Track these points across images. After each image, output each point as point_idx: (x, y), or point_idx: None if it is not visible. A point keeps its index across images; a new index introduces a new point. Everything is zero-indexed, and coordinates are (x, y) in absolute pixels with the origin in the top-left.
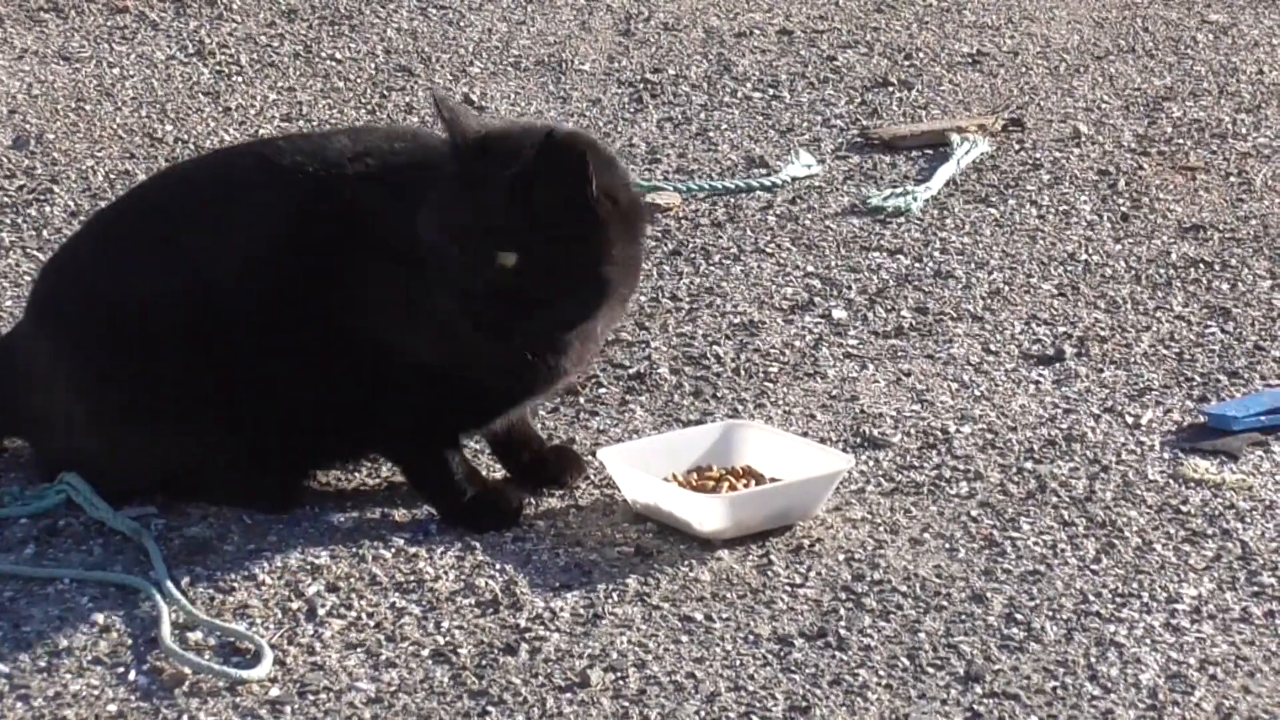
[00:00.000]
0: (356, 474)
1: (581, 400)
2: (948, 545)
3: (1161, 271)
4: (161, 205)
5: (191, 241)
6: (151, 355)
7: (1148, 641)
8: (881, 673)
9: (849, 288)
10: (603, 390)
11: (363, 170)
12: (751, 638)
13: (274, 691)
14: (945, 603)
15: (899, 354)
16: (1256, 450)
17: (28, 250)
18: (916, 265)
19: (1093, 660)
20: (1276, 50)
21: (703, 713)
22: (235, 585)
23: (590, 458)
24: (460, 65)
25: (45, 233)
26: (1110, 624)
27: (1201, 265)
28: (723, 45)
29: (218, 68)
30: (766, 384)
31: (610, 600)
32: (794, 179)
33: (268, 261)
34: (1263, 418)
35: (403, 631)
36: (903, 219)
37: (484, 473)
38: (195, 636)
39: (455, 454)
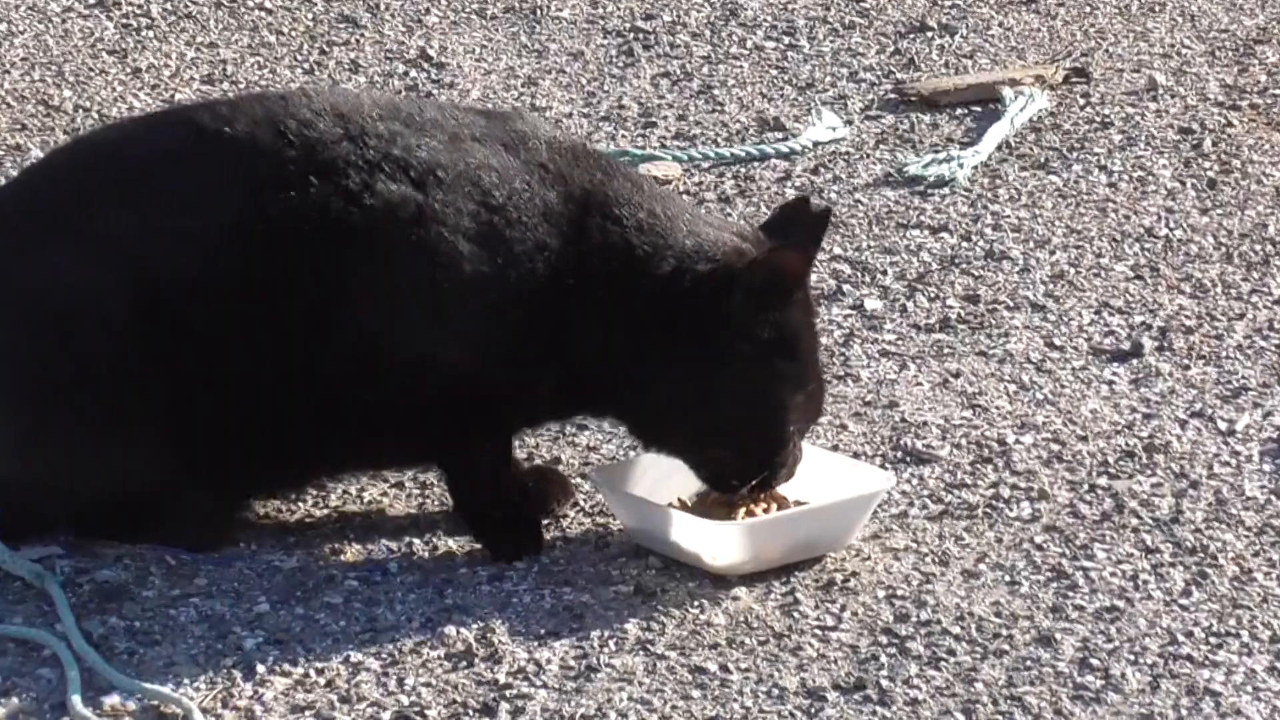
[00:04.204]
0: (300, 504)
1: None
2: (1008, 578)
3: (1257, 248)
4: (76, 186)
5: (117, 229)
6: (68, 362)
7: (1249, 689)
8: None
9: (884, 273)
10: None
11: (355, 151)
12: (776, 691)
13: None
14: (1006, 646)
15: (945, 351)
16: None
17: None
18: (964, 245)
19: (1184, 712)
20: None
21: None
22: (158, 638)
23: (579, 480)
24: (414, 14)
25: None
26: (1204, 669)
27: None
28: None
29: (124, 21)
30: None
31: (606, 649)
32: (816, 144)
33: (224, 255)
34: None
35: (359, 690)
36: (947, 190)
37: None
38: (112, 701)
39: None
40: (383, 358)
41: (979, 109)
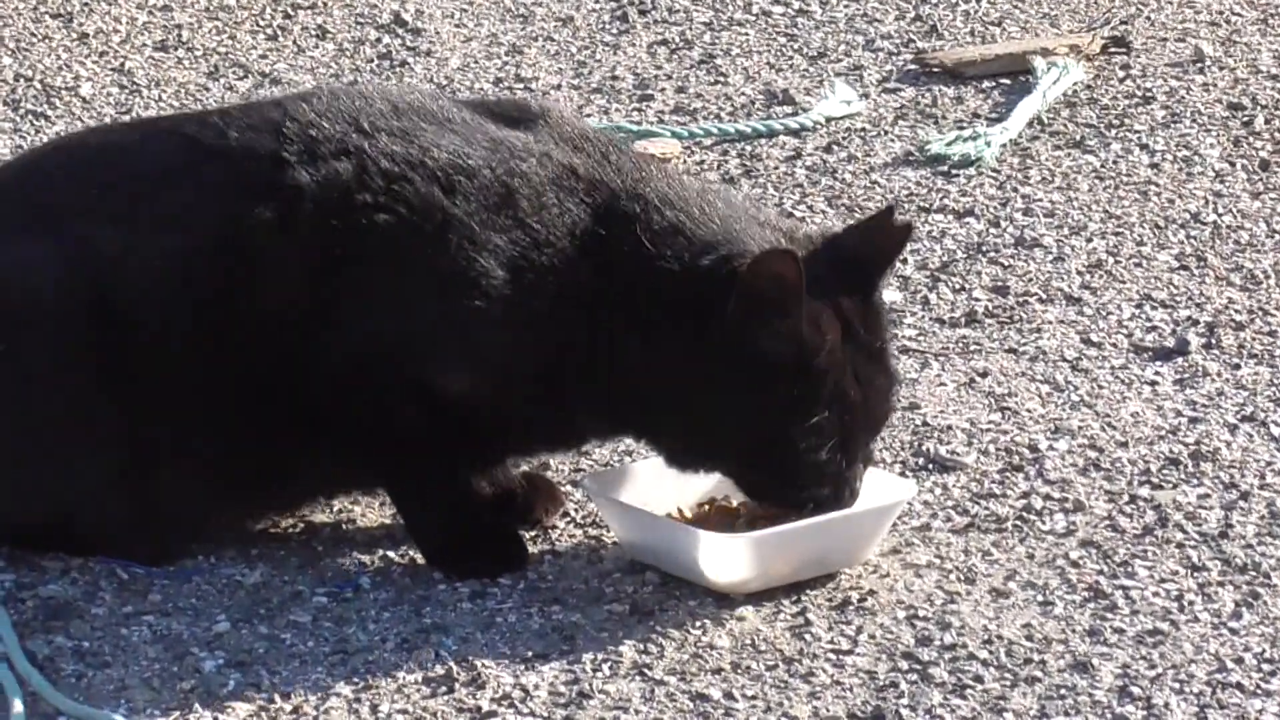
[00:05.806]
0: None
1: None
2: (1040, 598)
3: None
4: (49, 185)
5: (88, 232)
6: (22, 365)
7: None
8: None
9: (904, 261)
10: None
11: (364, 157)
12: None
13: None
14: (1039, 673)
15: (972, 348)
16: None
17: None
18: (992, 231)
19: None
20: None
21: None
22: (109, 659)
23: (570, 488)
24: None
25: None
26: (1255, 698)
27: None
28: None
29: None
30: None
31: (600, 674)
32: (829, 119)
33: (199, 265)
34: None
35: (329, 718)
36: (973, 171)
37: None
38: None
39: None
40: (374, 378)
41: (1008, 81)
